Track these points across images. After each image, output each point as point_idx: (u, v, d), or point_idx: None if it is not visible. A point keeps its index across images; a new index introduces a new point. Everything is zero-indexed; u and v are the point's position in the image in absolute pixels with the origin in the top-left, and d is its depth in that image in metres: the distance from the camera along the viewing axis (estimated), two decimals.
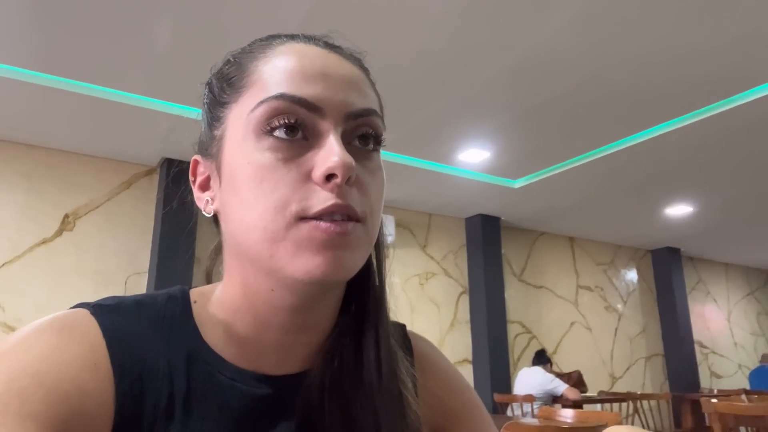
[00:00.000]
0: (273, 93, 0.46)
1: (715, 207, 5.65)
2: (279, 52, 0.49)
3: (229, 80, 0.50)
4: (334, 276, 0.44)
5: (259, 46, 0.51)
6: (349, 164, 0.43)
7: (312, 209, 0.44)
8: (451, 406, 0.60)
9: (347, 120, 0.47)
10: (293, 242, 0.44)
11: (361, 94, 0.49)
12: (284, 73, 0.47)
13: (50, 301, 3.86)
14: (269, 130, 0.45)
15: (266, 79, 0.47)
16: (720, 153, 4.25)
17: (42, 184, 4.03)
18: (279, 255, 0.44)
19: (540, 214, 5.83)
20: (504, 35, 2.82)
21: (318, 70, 0.47)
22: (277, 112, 0.45)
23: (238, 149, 0.47)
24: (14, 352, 0.43)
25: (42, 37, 2.81)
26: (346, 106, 0.47)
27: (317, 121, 0.46)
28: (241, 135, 0.47)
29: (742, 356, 8.00)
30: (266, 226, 0.44)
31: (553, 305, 6.34)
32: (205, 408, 0.48)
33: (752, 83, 3.31)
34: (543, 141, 4.12)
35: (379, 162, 0.50)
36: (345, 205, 0.44)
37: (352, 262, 0.46)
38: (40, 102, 3.43)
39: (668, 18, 2.69)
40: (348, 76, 0.49)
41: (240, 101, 0.48)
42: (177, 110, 3.53)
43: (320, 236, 0.43)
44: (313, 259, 0.44)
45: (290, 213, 0.44)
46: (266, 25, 2.63)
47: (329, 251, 0.44)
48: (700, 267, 7.94)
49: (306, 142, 0.46)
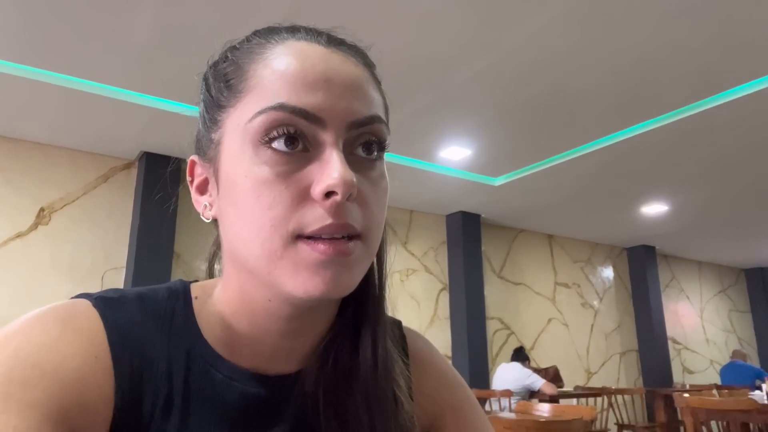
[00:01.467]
0: (271, 103, 0.43)
1: (689, 206, 5.76)
2: (278, 54, 0.46)
3: (227, 82, 0.48)
4: (333, 294, 0.44)
5: (258, 44, 0.48)
6: (349, 182, 0.42)
7: (308, 228, 0.43)
8: (445, 403, 0.60)
9: (350, 129, 0.45)
10: (292, 261, 0.43)
11: (366, 100, 0.46)
12: (283, 79, 0.44)
13: (25, 296, 3.78)
14: (267, 141, 0.43)
15: (265, 85, 0.45)
16: (695, 153, 4.34)
17: (17, 177, 3.95)
18: (277, 272, 0.44)
19: (519, 211, 5.89)
20: (485, 35, 2.84)
21: (320, 75, 0.45)
22: (276, 124, 0.43)
23: (236, 160, 0.45)
24: (16, 341, 0.43)
25: (19, 28, 2.75)
26: (348, 115, 0.45)
27: (318, 132, 0.44)
28: (238, 145, 0.45)
29: (714, 352, 8.18)
30: (263, 243, 0.43)
31: (531, 302, 6.42)
32: (202, 405, 0.49)
33: (726, 86, 3.38)
34: (523, 139, 4.16)
35: (383, 169, 0.48)
36: (342, 225, 0.43)
37: (350, 280, 0.45)
38: (16, 94, 3.35)
39: (645, 21, 2.73)
40: (351, 79, 0.46)
41: (238, 107, 0.46)
42: (156, 103, 3.49)
43: (318, 257, 0.43)
44: (312, 279, 0.43)
45: (287, 231, 0.43)
46: (247, 20, 2.61)
47: (327, 271, 0.43)
48: (675, 265, 8.10)
49: (306, 153, 0.44)
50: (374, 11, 2.64)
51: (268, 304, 0.48)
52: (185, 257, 4.32)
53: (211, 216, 0.50)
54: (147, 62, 3.05)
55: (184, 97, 3.17)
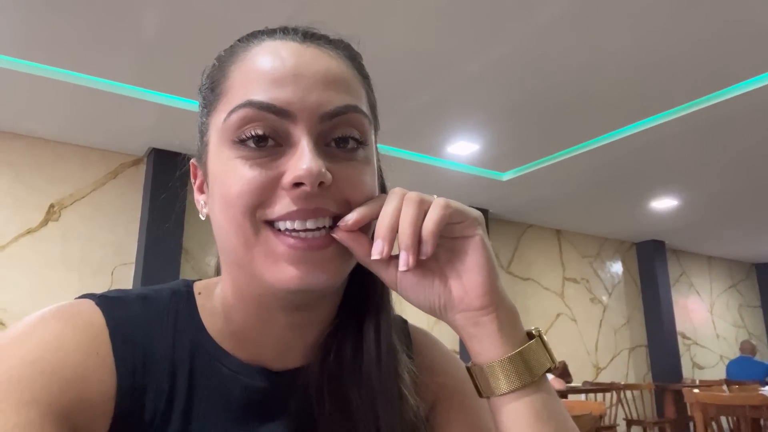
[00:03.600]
0: (241, 101, 0.45)
1: (699, 201, 5.71)
2: (253, 54, 0.47)
3: (212, 85, 0.50)
4: (311, 287, 0.44)
5: (239, 47, 0.49)
6: (316, 172, 0.42)
7: (274, 214, 0.44)
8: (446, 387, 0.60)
9: (322, 121, 0.45)
10: (264, 248, 0.44)
11: (339, 91, 0.46)
12: (253, 78, 0.45)
13: (36, 292, 3.82)
14: (241, 140, 0.45)
15: (237, 85, 0.46)
16: (705, 147, 4.30)
17: (27, 173, 3.98)
18: (256, 261, 0.45)
19: (527, 206, 5.87)
20: (493, 29, 2.82)
21: (289, 70, 0.45)
22: (246, 121, 0.44)
23: (216, 157, 0.47)
24: (17, 340, 0.43)
25: (28, 25, 2.77)
26: (319, 107, 0.45)
27: (288, 126, 0.44)
28: (218, 144, 0.47)
29: (724, 347, 8.13)
30: (236, 231, 0.45)
31: (540, 297, 6.40)
32: (207, 399, 0.49)
33: (737, 78, 3.35)
34: (531, 134, 4.14)
35: (367, 155, 0.48)
36: (312, 209, 0.44)
37: (333, 272, 0.45)
38: (26, 90, 3.37)
39: (655, 13, 2.71)
40: (323, 71, 0.46)
41: (218, 108, 0.47)
42: (165, 100, 3.50)
43: (287, 250, 0.44)
44: (288, 270, 0.44)
45: (256, 218, 0.44)
46: (253, 16, 2.61)
47: (303, 265, 0.44)
48: (684, 260, 8.05)
49: (280, 148, 0.45)
50: (381, 6, 2.63)
51: (260, 298, 0.48)
52: (194, 252, 4.34)
53: (206, 214, 0.52)
54: (156, 59, 3.06)
55: (193, 93, 3.16)
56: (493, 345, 0.45)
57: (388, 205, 0.44)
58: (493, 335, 0.45)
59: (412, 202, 0.44)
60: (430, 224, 0.43)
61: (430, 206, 0.44)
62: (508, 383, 0.44)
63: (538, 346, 0.46)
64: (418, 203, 0.44)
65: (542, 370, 0.45)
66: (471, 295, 0.45)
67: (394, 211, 0.44)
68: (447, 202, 0.44)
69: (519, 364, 0.44)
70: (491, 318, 0.45)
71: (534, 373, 0.44)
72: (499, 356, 0.44)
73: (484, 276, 0.45)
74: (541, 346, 0.46)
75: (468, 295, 0.45)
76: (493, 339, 0.45)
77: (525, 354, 0.45)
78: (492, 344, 0.45)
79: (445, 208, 0.44)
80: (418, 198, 0.44)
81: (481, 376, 0.46)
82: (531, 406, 0.44)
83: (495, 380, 0.44)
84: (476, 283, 0.45)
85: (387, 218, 0.44)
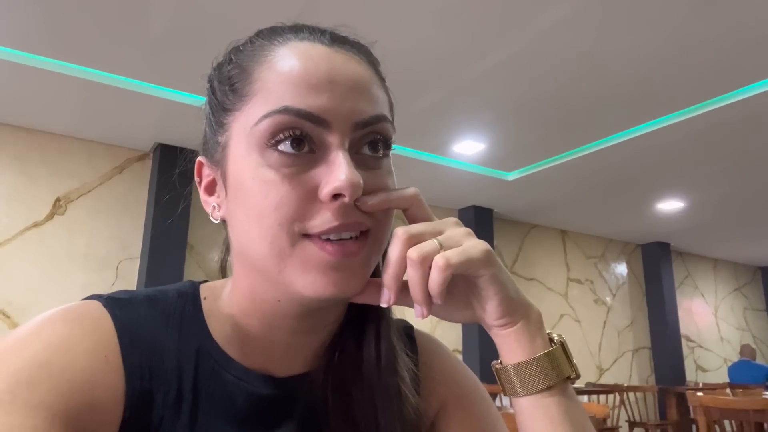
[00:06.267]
0: (276, 106, 0.43)
1: (706, 203, 5.69)
2: (282, 55, 0.46)
3: (232, 85, 0.48)
4: (343, 294, 0.45)
5: (261, 46, 0.48)
6: (356, 183, 0.42)
7: (315, 229, 0.43)
8: (451, 391, 0.60)
9: (355, 129, 0.45)
10: (300, 259, 0.44)
11: (370, 99, 0.46)
12: (287, 81, 0.44)
13: (41, 285, 3.84)
14: (273, 144, 0.44)
15: (270, 88, 0.45)
16: (712, 150, 4.28)
17: (34, 167, 4.00)
18: (287, 271, 0.44)
19: (532, 206, 5.85)
20: (500, 29, 2.82)
21: (324, 76, 0.44)
22: (282, 127, 0.43)
23: (243, 163, 0.45)
24: (25, 342, 0.43)
25: (37, 20, 2.78)
26: (354, 116, 0.45)
27: (324, 133, 0.44)
28: (245, 148, 0.45)
29: (728, 350, 8.09)
30: (272, 242, 0.44)
31: (544, 297, 6.39)
32: (211, 405, 0.49)
33: (745, 82, 3.33)
34: (537, 134, 4.13)
35: (389, 166, 0.49)
36: (352, 224, 0.44)
37: (360, 280, 0.46)
38: (33, 85, 3.39)
39: (662, 17, 2.69)
40: (355, 79, 0.46)
41: (244, 111, 0.46)
42: (171, 95, 3.51)
43: (327, 258, 0.43)
44: (322, 279, 0.44)
45: (294, 230, 0.43)
46: (263, 13, 2.61)
47: (336, 273, 0.44)
48: (689, 262, 8.01)
49: (312, 155, 0.44)
50: (389, 5, 2.62)
51: (278, 304, 0.48)
52: (198, 248, 4.35)
53: (220, 217, 0.50)
54: (163, 54, 3.07)
55: (200, 89, 3.16)
56: (516, 350, 0.47)
57: (392, 250, 0.44)
58: (514, 342, 0.47)
59: (414, 264, 0.42)
60: (435, 286, 0.42)
61: (432, 264, 0.42)
62: (524, 387, 0.47)
63: (559, 353, 0.48)
64: (420, 263, 0.42)
65: (562, 375, 0.47)
66: (491, 317, 0.47)
67: (398, 261, 0.43)
68: (447, 261, 0.42)
69: (546, 365, 0.47)
70: (514, 329, 0.47)
71: (550, 379, 0.46)
72: (519, 359, 0.47)
73: (500, 303, 0.47)
74: (562, 353, 0.48)
75: (489, 316, 0.47)
76: (514, 346, 0.47)
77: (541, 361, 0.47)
78: (514, 349, 0.47)
79: (445, 270, 0.42)
80: (420, 257, 0.42)
81: (504, 376, 0.48)
82: (548, 409, 0.46)
83: (514, 382, 0.47)
84: (494, 308, 0.47)
85: (392, 267, 0.43)
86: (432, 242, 0.43)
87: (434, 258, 0.42)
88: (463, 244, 0.44)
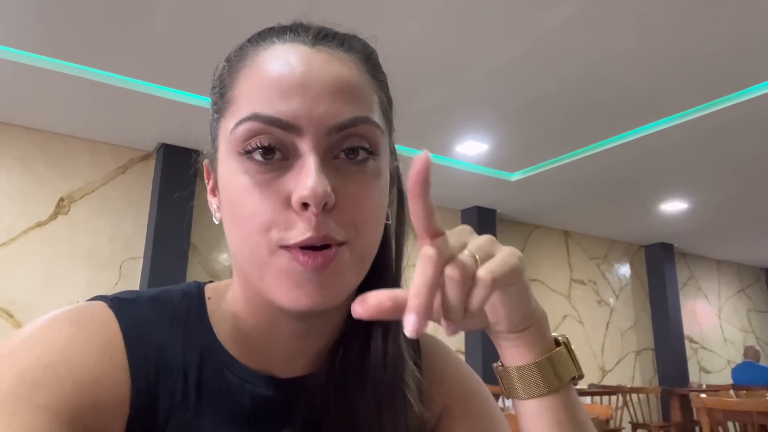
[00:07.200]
0: (248, 113, 0.43)
1: (709, 204, 5.67)
2: (261, 60, 0.45)
3: (221, 90, 0.48)
4: (319, 306, 0.43)
5: (246, 51, 0.48)
6: (320, 193, 0.40)
7: (291, 240, 0.42)
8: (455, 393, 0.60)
9: (330, 134, 0.43)
10: (276, 269, 0.43)
11: (350, 101, 0.44)
12: (259, 87, 0.44)
13: (44, 285, 3.85)
14: (248, 152, 0.43)
15: (245, 94, 0.44)
16: (716, 151, 4.27)
17: (37, 167, 4.01)
18: (266, 278, 0.44)
19: (535, 207, 5.85)
20: (503, 30, 2.81)
21: (297, 80, 0.43)
22: (252, 134, 0.43)
23: (225, 168, 0.46)
24: (30, 343, 0.43)
25: (40, 19, 2.78)
26: (327, 119, 0.43)
27: (295, 139, 0.43)
28: (225, 154, 0.46)
29: (732, 352, 8.07)
30: (252, 249, 0.44)
31: (546, 298, 6.38)
32: (215, 406, 0.49)
33: (747, 82, 3.32)
34: (540, 135, 4.12)
35: (378, 166, 0.46)
36: (321, 237, 0.42)
37: (338, 289, 0.44)
38: (36, 84, 3.40)
39: (666, 18, 2.69)
40: (332, 80, 0.44)
41: (226, 116, 0.46)
42: (174, 95, 3.51)
43: (299, 269, 0.42)
44: (295, 291, 0.43)
45: (272, 239, 0.43)
46: (266, 13, 2.62)
47: (309, 284, 0.43)
48: (693, 263, 7.99)
49: (286, 162, 0.43)
50: (392, 5, 2.62)
51: (270, 308, 0.48)
52: (201, 248, 4.35)
53: (219, 218, 0.50)
54: (166, 54, 3.07)
55: (203, 89, 3.19)
56: (521, 354, 0.46)
57: (425, 272, 0.35)
58: (521, 346, 0.46)
59: (457, 284, 0.36)
60: (477, 303, 0.37)
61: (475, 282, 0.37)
62: (527, 391, 0.45)
63: (563, 354, 0.47)
64: (464, 282, 0.36)
65: (567, 378, 0.46)
66: (501, 325, 0.45)
67: (434, 284, 0.35)
68: (492, 276, 0.37)
69: (549, 368, 0.45)
70: (523, 334, 0.46)
71: (554, 382, 0.45)
72: (523, 362, 0.46)
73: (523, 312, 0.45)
74: (566, 356, 0.47)
75: (507, 325, 0.45)
76: (519, 350, 0.46)
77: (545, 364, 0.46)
78: (519, 353, 0.46)
79: (492, 286, 0.37)
80: (463, 277, 0.36)
81: (506, 378, 0.47)
82: (550, 413, 0.45)
83: (516, 385, 0.46)
84: (519, 317, 0.45)
85: (426, 292, 0.34)
86: (469, 258, 0.38)
87: (477, 274, 0.37)
88: (496, 254, 0.40)
